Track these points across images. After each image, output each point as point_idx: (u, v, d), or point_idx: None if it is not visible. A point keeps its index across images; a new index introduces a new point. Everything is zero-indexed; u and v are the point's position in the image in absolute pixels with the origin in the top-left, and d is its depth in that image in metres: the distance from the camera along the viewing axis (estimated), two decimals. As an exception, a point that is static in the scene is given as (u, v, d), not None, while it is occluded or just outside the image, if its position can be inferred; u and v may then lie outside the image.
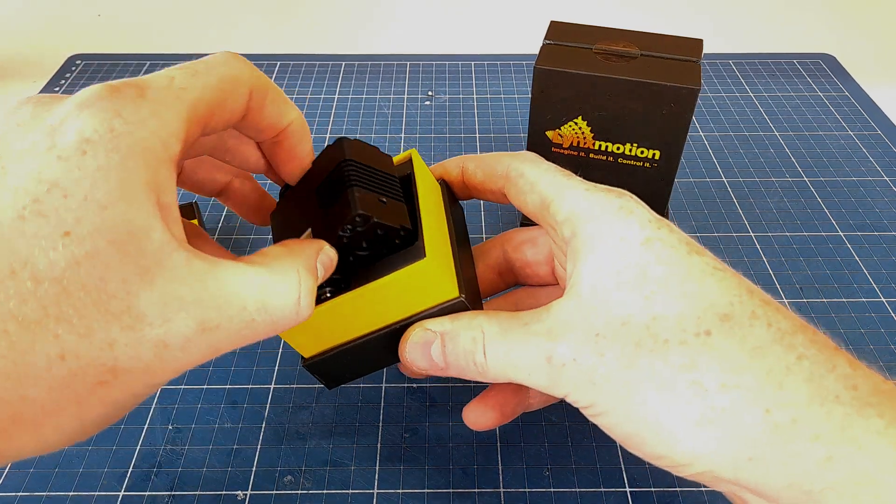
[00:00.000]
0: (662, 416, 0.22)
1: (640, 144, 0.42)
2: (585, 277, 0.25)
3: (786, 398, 0.21)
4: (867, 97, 0.65)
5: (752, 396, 0.21)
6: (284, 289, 0.22)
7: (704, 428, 0.22)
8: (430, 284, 0.28)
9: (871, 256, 0.48)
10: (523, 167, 0.29)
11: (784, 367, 0.22)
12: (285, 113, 0.26)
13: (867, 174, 0.56)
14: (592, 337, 0.24)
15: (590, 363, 0.24)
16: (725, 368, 0.22)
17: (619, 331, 0.23)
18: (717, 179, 0.55)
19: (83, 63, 0.71)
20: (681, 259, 0.24)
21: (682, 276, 0.24)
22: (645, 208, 0.27)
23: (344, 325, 0.30)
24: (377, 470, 0.36)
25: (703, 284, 0.24)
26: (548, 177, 0.28)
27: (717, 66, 0.70)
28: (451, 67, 0.70)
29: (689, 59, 0.41)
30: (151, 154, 0.19)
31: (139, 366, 0.19)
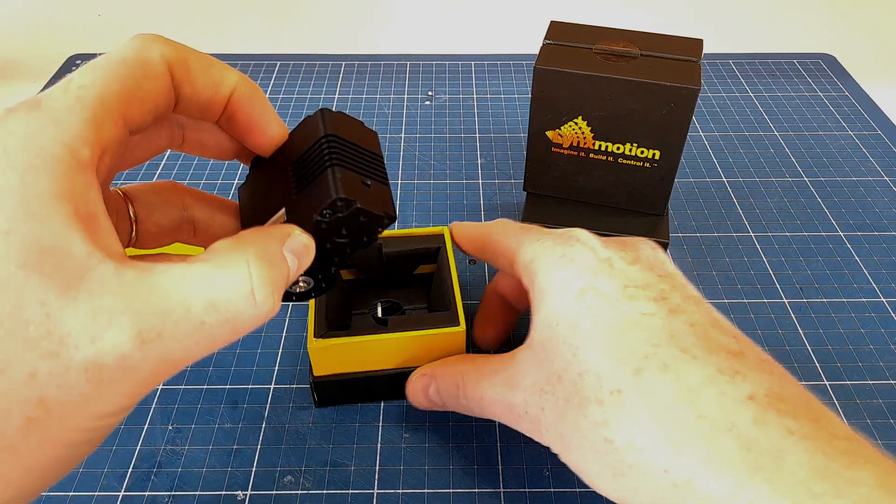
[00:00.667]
0: (586, 466, 0.25)
1: (640, 144, 0.42)
2: (537, 329, 0.27)
3: (682, 461, 0.22)
4: (867, 97, 0.65)
5: (653, 456, 0.23)
6: (232, 282, 0.20)
7: (619, 480, 0.24)
8: (452, 343, 0.34)
9: (871, 256, 0.48)
10: (493, 231, 0.33)
11: (685, 426, 0.23)
12: (223, 79, 0.23)
13: (867, 174, 0.56)
14: (538, 391, 0.26)
15: (535, 415, 0.26)
16: (633, 429, 0.23)
17: (556, 385, 0.25)
18: (717, 179, 0.55)
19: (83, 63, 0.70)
20: (609, 309, 0.25)
21: (607, 327, 0.25)
22: (591, 249, 0.28)
23: (362, 357, 0.35)
24: (377, 470, 0.36)
25: (626, 335, 0.25)
26: (510, 235, 0.31)
27: (717, 66, 0.70)
28: (451, 67, 0.70)
29: (689, 59, 0.41)
30: (57, 163, 0.18)
31: (72, 395, 0.17)
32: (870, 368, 0.41)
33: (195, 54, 0.23)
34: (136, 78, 0.21)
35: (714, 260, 0.48)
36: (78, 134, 0.18)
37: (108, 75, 0.20)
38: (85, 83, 0.20)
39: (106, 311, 0.17)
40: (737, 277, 0.47)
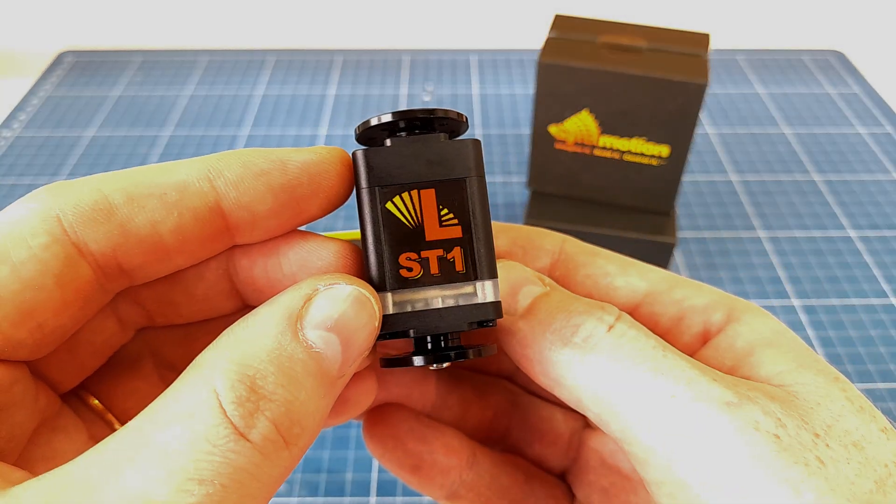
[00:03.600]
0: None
1: (648, 139, 0.41)
2: None
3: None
4: (877, 95, 0.63)
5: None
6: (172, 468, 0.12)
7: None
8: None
9: (881, 257, 0.47)
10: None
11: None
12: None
13: (877, 172, 0.55)
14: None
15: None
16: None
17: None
18: (725, 178, 0.54)
19: (74, 59, 0.69)
20: None
21: None
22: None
23: None
24: (374, 477, 0.34)
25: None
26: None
27: (725, 61, 0.68)
28: (451, 62, 0.69)
29: (696, 53, 0.40)
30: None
31: None
32: (880, 371, 0.40)
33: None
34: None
35: (722, 260, 0.47)
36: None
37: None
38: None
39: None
40: (745, 278, 0.46)
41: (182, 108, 0.62)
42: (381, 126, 0.17)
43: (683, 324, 0.20)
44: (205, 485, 0.12)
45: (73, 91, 0.64)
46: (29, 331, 0.14)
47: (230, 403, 0.13)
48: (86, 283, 0.15)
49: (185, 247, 0.16)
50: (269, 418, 0.13)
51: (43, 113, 0.62)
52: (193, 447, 0.12)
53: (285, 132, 0.59)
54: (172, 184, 0.15)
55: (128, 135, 0.59)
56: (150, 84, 0.66)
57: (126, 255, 0.15)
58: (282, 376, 0.13)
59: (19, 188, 0.53)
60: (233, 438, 0.12)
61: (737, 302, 0.19)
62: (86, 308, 0.15)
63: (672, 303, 0.20)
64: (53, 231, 0.14)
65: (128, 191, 0.15)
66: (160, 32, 0.74)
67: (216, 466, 0.12)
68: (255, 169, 0.16)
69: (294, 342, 0.14)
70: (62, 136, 0.59)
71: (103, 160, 0.56)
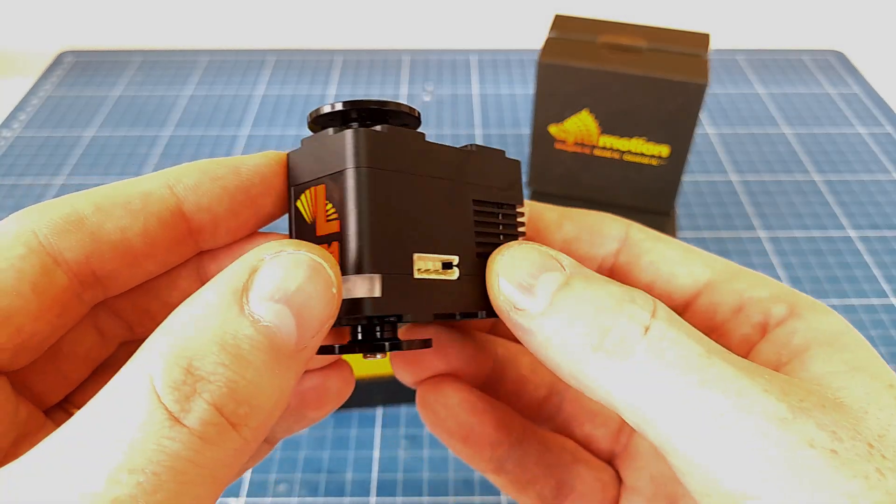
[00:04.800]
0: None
1: (648, 139, 0.41)
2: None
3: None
4: (877, 95, 0.63)
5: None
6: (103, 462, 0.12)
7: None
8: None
9: (881, 257, 0.47)
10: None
11: None
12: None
13: (877, 172, 0.55)
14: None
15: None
16: None
17: None
18: (725, 178, 0.54)
19: (74, 59, 0.69)
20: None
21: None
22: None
23: (359, 360, 0.31)
24: (374, 478, 0.34)
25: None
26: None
27: (725, 61, 0.68)
28: (451, 62, 0.69)
29: (696, 53, 0.40)
30: None
31: None
32: (883, 373, 0.40)
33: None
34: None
35: (721, 260, 0.47)
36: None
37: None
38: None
39: None
40: (745, 278, 0.46)
41: (182, 108, 0.62)
42: (310, 126, 0.19)
43: (743, 314, 0.19)
44: (135, 474, 0.11)
45: (73, 91, 0.64)
46: (8, 335, 0.15)
47: (164, 388, 0.12)
48: (62, 291, 0.16)
49: (153, 251, 0.17)
50: (208, 400, 0.12)
51: (43, 113, 0.62)
52: (126, 436, 0.12)
53: (285, 132, 0.59)
54: (137, 193, 0.16)
55: (128, 135, 0.59)
56: (150, 84, 0.66)
57: (99, 261, 0.16)
58: (224, 355, 0.13)
59: (19, 188, 0.53)
60: (167, 424, 0.12)
61: (800, 297, 0.18)
62: (63, 316, 0.16)
63: (733, 292, 0.19)
64: (30, 243, 0.15)
65: (96, 202, 0.16)
66: (160, 32, 0.74)
67: (148, 455, 0.12)
68: (212, 174, 0.17)
69: (240, 317, 0.13)
70: (62, 136, 0.59)
71: (103, 160, 0.56)
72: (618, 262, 0.21)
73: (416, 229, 0.17)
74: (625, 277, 0.20)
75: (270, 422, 0.14)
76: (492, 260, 0.18)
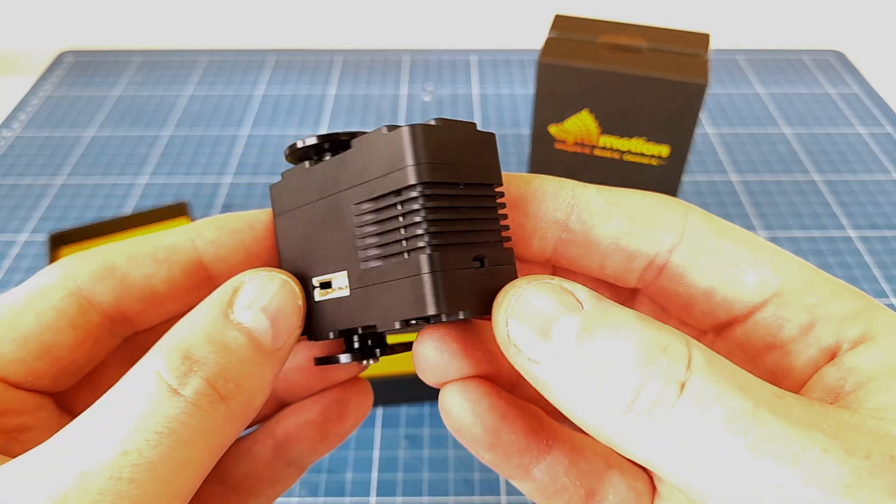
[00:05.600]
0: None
1: (648, 139, 0.41)
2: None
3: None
4: (877, 95, 0.63)
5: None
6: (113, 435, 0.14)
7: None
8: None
9: (881, 257, 0.47)
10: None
11: None
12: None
13: (877, 172, 0.55)
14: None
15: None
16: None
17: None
18: (725, 178, 0.54)
19: (74, 59, 0.69)
20: None
21: None
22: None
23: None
24: (374, 478, 0.34)
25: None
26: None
27: (725, 61, 0.68)
28: (451, 62, 0.69)
29: (696, 53, 0.40)
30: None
31: None
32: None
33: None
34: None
35: (721, 260, 0.47)
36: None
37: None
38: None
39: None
40: (745, 278, 0.46)
41: (182, 108, 0.62)
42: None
43: (812, 334, 0.17)
44: (141, 432, 0.14)
45: (73, 91, 0.64)
46: (48, 364, 0.18)
47: (166, 369, 0.15)
48: (95, 327, 0.18)
49: (175, 294, 0.19)
50: (202, 377, 0.15)
51: (43, 113, 0.62)
52: (135, 406, 0.15)
53: (285, 132, 0.59)
54: (163, 245, 0.19)
55: (128, 135, 0.59)
56: (150, 84, 0.65)
57: (128, 303, 0.19)
58: (214, 347, 0.16)
59: (19, 188, 0.53)
60: (167, 395, 0.15)
61: (879, 315, 0.16)
62: (96, 347, 0.19)
63: (804, 308, 0.17)
64: (69, 287, 0.18)
65: (127, 253, 0.19)
66: (160, 32, 0.74)
67: (152, 418, 0.14)
68: (229, 229, 0.20)
69: (225, 323, 0.16)
70: (62, 136, 0.59)
71: (103, 160, 0.56)
72: (671, 263, 0.18)
73: (311, 256, 0.18)
74: (678, 281, 0.18)
75: (253, 404, 0.16)
76: (498, 301, 0.16)
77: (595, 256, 0.18)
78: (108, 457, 0.14)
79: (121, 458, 0.14)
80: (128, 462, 0.14)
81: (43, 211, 0.51)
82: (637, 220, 0.18)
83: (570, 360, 0.14)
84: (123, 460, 0.14)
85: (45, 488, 0.14)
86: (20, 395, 0.18)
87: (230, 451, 0.21)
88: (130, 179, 0.54)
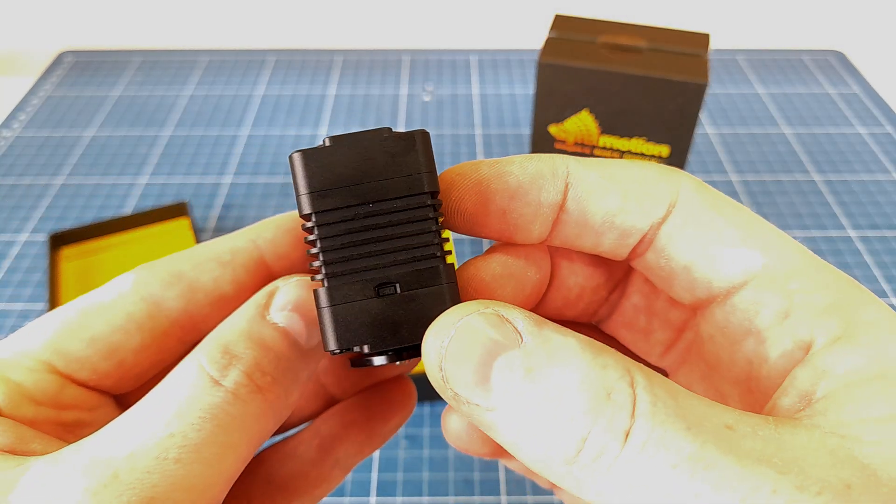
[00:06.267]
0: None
1: (648, 139, 0.41)
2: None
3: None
4: (877, 95, 0.63)
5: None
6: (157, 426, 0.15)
7: None
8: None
9: (881, 257, 0.47)
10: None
11: None
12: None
13: (877, 172, 0.55)
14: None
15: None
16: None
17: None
18: (725, 178, 0.54)
19: (74, 59, 0.69)
20: None
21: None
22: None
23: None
24: (374, 478, 0.34)
25: None
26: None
27: (725, 61, 0.68)
28: (451, 62, 0.69)
29: (696, 53, 0.40)
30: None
31: None
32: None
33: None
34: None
35: (721, 260, 0.47)
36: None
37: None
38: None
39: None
40: (745, 278, 0.46)
41: (182, 107, 0.62)
42: None
43: (788, 323, 0.16)
44: (184, 418, 0.15)
45: (73, 91, 0.64)
46: (113, 365, 0.19)
47: (208, 362, 0.16)
48: (162, 333, 0.19)
49: (241, 295, 0.20)
50: (241, 369, 0.16)
51: (43, 113, 0.62)
52: (179, 395, 0.16)
53: (285, 132, 0.59)
54: (226, 249, 0.20)
55: (128, 135, 0.59)
56: (150, 84, 0.66)
57: (196, 307, 0.19)
58: (252, 343, 0.17)
59: (19, 188, 0.53)
60: (209, 384, 0.16)
61: (864, 309, 0.15)
62: (162, 353, 0.19)
63: (782, 294, 0.16)
64: (140, 292, 0.19)
65: (193, 259, 0.20)
66: (160, 32, 0.74)
67: (195, 405, 0.15)
68: (286, 227, 0.20)
69: (262, 322, 0.17)
70: (62, 136, 0.59)
71: (103, 160, 0.56)
72: (661, 234, 0.17)
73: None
74: (660, 254, 0.18)
75: (289, 397, 0.17)
76: (428, 342, 0.15)
77: (590, 234, 0.18)
78: (155, 438, 0.15)
79: (167, 439, 0.15)
80: (174, 444, 0.15)
81: (43, 211, 0.51)
82: (630, 196, 0.17)
83: (513, 403, 0.13)
84: (170, 442, 0.15)
85: (98, 465, 0.14)
86: (82, 392, 0.19)
87: (277, 451, 0.21)
88: (130, 179, 0.54)
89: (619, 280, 0.21)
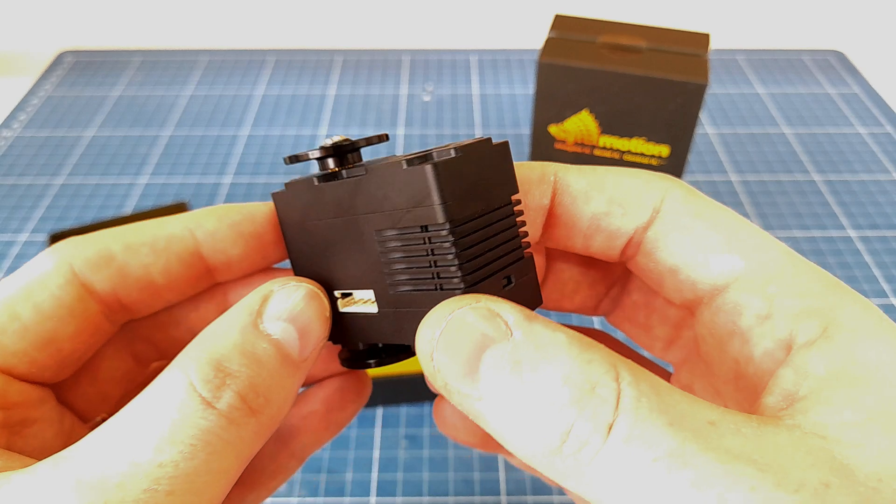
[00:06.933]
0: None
1: (648, 139, 0.41)
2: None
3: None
4: (877, 95, 0.63)
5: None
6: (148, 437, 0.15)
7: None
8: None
9: (881, 257, 0.47)
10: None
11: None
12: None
13: (877, 172, 0.55)
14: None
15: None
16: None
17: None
18: (725, 178, 0.54)
19: (74, 59, 0.69)
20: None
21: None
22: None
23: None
24: (374, 478, 0.34)
25: None
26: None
27: (725, 61, 0.68)
28: (451, 62, 0.69)
29: (696, 53, 0.40)
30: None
31: None
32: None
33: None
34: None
35: (721, 260, 0.47)
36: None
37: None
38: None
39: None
40: (745, 278, 0.46)
41: (182, 108, 0.62)
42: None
43: (768, 325, 0.16)
44: (176, 444, 0.14)
45: (73, 91, 0.64)
46: (50, 354, 0.18)
47: (199, 381, 0.15)
48: (94, 315, 0.18)
49: (172, 285, 0.19)
50: (234, 390, 0.15)
51: (43, 113, 0.62)
52: (168, 417, 0.14)
53: (285, 132, 0.59)
54: (162, 235, 0.19)
55: (128, 135, 0.59)
56: (150, 84, 0.65)
57: (125, 292, 0.19)
58: (245, 359, 0.16)
59: (19, 188, 0.53)
60: (201, 407, 0.15)
61: (842, 312, 0.15)
62: (96, 336, 0.19)
63: (762, 296, 0.16)
64: (66, 275, 0.18)
65: (125, 241, 0.18)
66: (160, 32, 0.74)
67: (186, 430, 0.14)
68: (229, 220, 0.19)
69: (255, 333, 0.16)
70: (62, 136, 0.59)
71: (103, 160, 0.56)
72: (646, 239, 0.18)
73: (330, 270, 0.18)
74: (649, 257, 0.18)
75: (280, 415, 0.16)
76: (421, 333, 0.15)
77: (579, 236, 0.19)
78: (144, 469, 0.14)
79: (157, 469, 0.14)
80: (165, 474, 0.14)
81: (43, 211, 0.51)
82: (615, 201, 0.18)
83: (501, 394, 0.14)
84: (160, 472, 0.14)
85: (85, 489, 0.13)
86: (24, 388, 0.18)
87: None
88: (130, 179, 0.54)
89: (618, 277, 0.22)
